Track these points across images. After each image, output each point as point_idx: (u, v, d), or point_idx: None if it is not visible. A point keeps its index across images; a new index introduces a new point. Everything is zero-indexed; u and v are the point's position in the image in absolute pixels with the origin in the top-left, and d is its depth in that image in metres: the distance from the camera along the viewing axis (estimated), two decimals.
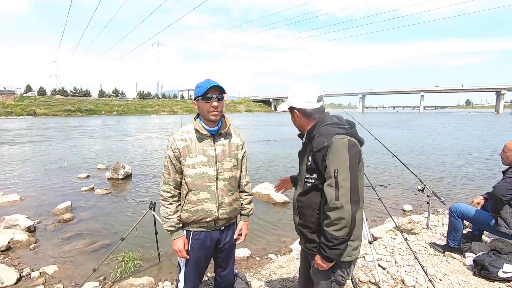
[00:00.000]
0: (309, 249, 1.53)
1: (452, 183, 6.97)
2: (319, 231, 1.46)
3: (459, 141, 15.52)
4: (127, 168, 7.79)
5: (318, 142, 1.39)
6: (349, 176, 1.31)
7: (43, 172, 8.58)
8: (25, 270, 3.21)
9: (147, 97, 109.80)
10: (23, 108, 74.11)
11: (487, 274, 2.57)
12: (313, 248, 1.51)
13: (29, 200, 5.87)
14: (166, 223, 1.68)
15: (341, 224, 1.31)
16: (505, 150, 2.81)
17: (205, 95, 1.60)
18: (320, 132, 1.43)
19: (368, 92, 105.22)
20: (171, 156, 1.66)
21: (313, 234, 1.51)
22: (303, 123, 1.56)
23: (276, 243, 3.92)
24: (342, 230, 1.31)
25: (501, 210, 2.71)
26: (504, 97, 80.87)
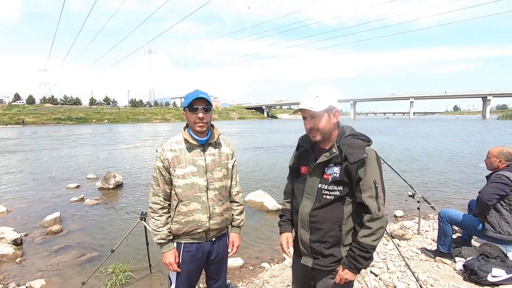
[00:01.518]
0: (324, 265, 1.46)
1: (442, 188, 7.08)
2: (338, 244, 1.44)
3: (448, 146, 15.83)
4: (118, 178, 7.67)
5: (353, 154, 1.34)
6: (382, 188, 1.38)
7: (31, 182, 8.38)
8: (10, 285, 3.11)
9: (139, 105, 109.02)
10: (11, 117, 72.55)
11: (477, 279, 2.61)
12: (330, 263, 1.45)
13: (16, 212, 5.70)
14: (156, 235, 1.65)
15: (380, 233, 1.36)
16: (489, 156, 2.90)
17: (191, 106, 1.60)
18: (347, 143, 1.38)
19: (359, 98, 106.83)
20: (160, 167, 1.64)
21: (331, 248, 1.44)
22: (332, 129, 1.43)
23: (269, 252, 3.89)
24: (379, 239, 1.37)
25: (488, 214, 2.77)
26: (490, 103, 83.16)
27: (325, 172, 1.41)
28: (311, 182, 1.46)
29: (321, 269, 1.48)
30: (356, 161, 1.33)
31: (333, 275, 1.46)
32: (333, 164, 1.40)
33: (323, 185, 1.42)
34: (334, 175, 1.39)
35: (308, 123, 1.41)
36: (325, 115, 1.38)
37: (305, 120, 1.43)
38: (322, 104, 1.35)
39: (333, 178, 1.39)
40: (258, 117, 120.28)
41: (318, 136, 1.41)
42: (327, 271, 1.47)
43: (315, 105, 1.34)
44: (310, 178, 1.46)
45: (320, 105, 1.35)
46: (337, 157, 1.38)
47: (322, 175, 1.42)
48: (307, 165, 1.50)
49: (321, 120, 1.38)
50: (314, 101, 1.35)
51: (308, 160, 1.50)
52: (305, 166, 1.51)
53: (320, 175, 1.43)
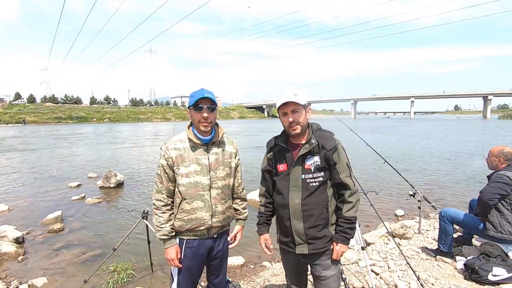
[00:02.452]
0: (319, 248, 1.61)
1: (443, 187, 7.08)
2: (327, 225, 1.62)
3: (448, 146, 15.82)
4: (119, 177, 7.69)
5: (328, 142, 1.57)
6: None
7: (33, 181, 8.40)
8: (13, 283, 3.13)
9: (139, 104, 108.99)
10: (12, 116, 72.61)
11: (478, 278, 2.61)
12: (325, 244, 1.62)
13: (18, 210, 5.73)
14: (159, 231, 1.68)
15: (358, 204, 1.61)
16: (489, 155, 2.90)
17: (196, 105, 1.61)
18: (319, 135, 1.61)
19: (360, 98, 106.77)
20: (164, 165, 1.65)
21: (323, 230, 1.61)
22: (307, 124, 1.63)
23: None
24: (358, 210, 1.61)
25: (489, 214, 2.78)
26: (491, 102, 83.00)
27: (305, 163, 1.58)
28: (295, 175, 1.60)
29: (317, 252, 1.62)
30: (331, 148, 1.56)
31: (327, 255, 1.64)
32: (311, 154, 1.58)
33: (306, 175, 1.58)
34: (315, 163, 1.58)
35: (290, 117, 1.56)
36: (303, 110, 1.58)
37: (285, 116, 1.58)
38: (302, 99, 1.55)
39: (316, 166, 1.57)
40: (259, 116, 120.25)
41: (298, 129, 1.57)
42: (321, 253, 1.63)
43: (298, 99, 1.53)
44: (293, 171, 1.60)
45: (301, 100, 1.54)
46: (315, 147, 1.57)
47: (303, 166, 1.59)
48: (285, 162, 1.64)
49: (301, 114, 1.57)
50: (295, 97, 1.53)
51: (285, 158, 1.64)
52: (283, 164, 1.65)
53: (302, 168, 1.59)
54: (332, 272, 1.64)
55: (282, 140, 1.67)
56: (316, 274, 1.66)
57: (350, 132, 4.02)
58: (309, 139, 1.58)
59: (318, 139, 1.58)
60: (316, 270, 1.65)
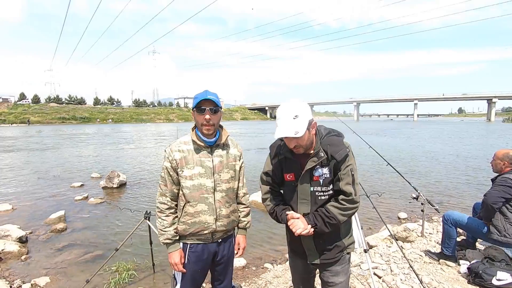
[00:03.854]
0: (331, 258, 1.55)
1: (446, 190, 7.03)
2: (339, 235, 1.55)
3: (452, 148, 15.72)
4: (122, 177, 7.72)
5: (338, 151, 1.42)
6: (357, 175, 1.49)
7: (36, 181, 8.46)
8: (16, 282, 3.14)
9: (142, 105, 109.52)
10: (17, 116, 73.26)
11: (481, 282, 2.59)
12: (336, 254, 1.55)
13: (21, 210, 5.77)
14: (163, 235, 1.65)
15: (349, 213, 1.45)
16: (494, 158, 2.88)
17: (198, 107, 1.59)
18: (327, 143, 1.46)
19: (363, 100, 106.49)
20: (168, 167, 1.63)
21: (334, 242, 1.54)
22: (312, 139, 1.47)
23: (272, 252, 3.90)
24: (346, 217, 1.45)
25: (493, 217, 2.75)
26: (495, 105, 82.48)
27: (313, 175, 1.47)
28: (303, 187, 1.50)
29: (328, 262, 1.57)
30: (342, 158, 1.43)
31: (338, 262, 1.58)
32: (319, 166, 1.46)
33: (315, 188, 1.48)
34: (324, 176, 1.46)
35: (291, 142, 1.42)
36: (306, 132, 1.39)
37: (287, 139, 1.44)
38: (302, 126, 1.35)
39: (325, 179, 1.47)
40: (261, 117, 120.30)
41: (302, 150, 1.45)
42: (333, 262, 1.57)
43: (298, 129, 1.34)
44: (301, 184, 1.50)
45: (301, 128, 1.35)
46: (324, 160, 1.45)
47: (312, 178, 1.48)
48: (291, 172, 1.53)
49: (304, 138, 1.40)
50: (295, 123, 1.35)
51: (292, 168, 1.52)
52: (290, 174, 1.53)
53: (310, 179, 1.48)
54: (341, 278, 1.59)
55: (287, 149, 1.52)
56: (325, 279, 1.62)
57: (352, 134, 4.00)
58: (317, 151, 1.45)
59: (327, 149, 1.44)
60: (325, 276, 1.61)
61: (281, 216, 1.54)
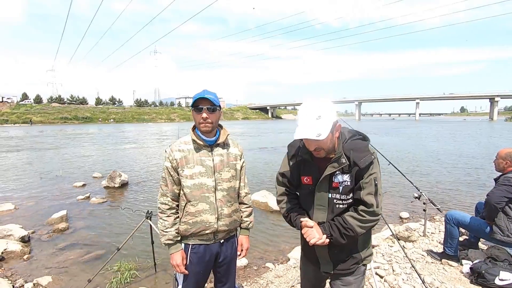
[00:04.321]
0: (345, 269, 1.46)
1: (448, 190, 7.00)
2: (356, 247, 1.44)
3: (454, 148, 15.65)
4: (124, 177, 7.74)
5: (361, 158, 1.30)
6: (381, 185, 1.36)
7: (38, 180, 8.49)
8: (18, 281, 3.16)
9: (144, 105, 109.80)
10: (19, 116, 73.64)
11: (484, 282, 2.58)
12: (351, 266, 1.45)
13: (24, 210, 5.79)
14: (164, 236, 1.64)
15: (368, 225, 1.34)
16: (497, 158, 2.86)
17: (196, 106, 1.60)
18: (350, 148, 1.34)
19: (365, 99, 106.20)
20: (169, 167, 1.63)
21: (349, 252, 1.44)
22: (335, 142, 1.34)
23: (273, 252, 3.89)
24: (364, 229, 1.34)
25: (496, 217, 2.74)
26: (497, 104, 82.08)
27: (333, 181, 1.36)
28: (320, 193, 1.40)
29: (341, 273, 1.48)
30: (366, 165, 1.30)
31: (353, 275, 1.48)
32: (340, 172, 1.34)
33: (334, 195, 1.37)
34: (345, 183, 1.34)
35: (312, 145, 1.30)
36: (329, 135, 1.27)
37: (307, 141, 1.32)
38: (326, 128, 1.23)
39: (345, 186, 1.35)
40: (263, 117, 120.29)
41: (323, 154, 1.34)
42: (347, 273, 1.47)
43: (321, 131, 1.21)
44: (319, 188, 1.40)
45: (325, 130, 1.22)
46: (345, 167, 1.33)
47: (331, 184, 1.37)
48: (309, 175, 1.43)
49: (326, 141, 1.28)
50: (317, 125, 1.22)
51: (310, 171, 1.42)
52: (308, 177, 1.43)
53: (328, 185, 1.37)
54: None
55: (306, 150, 1.40)
56: None
57: None
58: (339, 157, 1.32)
59: (350, 154, 1.32)
60: (336, 284, 1.52)
61: (295, 222, 1.46)
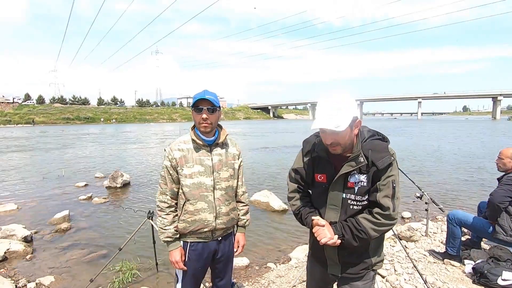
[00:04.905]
0: (354, 273, 1.41)
1: (451, 189, 6.97)
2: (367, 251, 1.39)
3: (457, 147, 15.58)
4: (125, 177, 7.76)
5: (381, 158, 1.25)
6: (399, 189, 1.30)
7: (41, 180, 8.53)
8: (21, 281, 3.17)
9: (146, 105, 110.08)
10: (22, 116, 74.07)
11: (487, 282, 2.57)
12: (361, 270, 1.40)
13: (26, 210, 5.82)
14: (163, 234, 1.68)
15: (383, 229, 1.28)
16: (502, 157, 2.84)
17: (196, 106, 1.62)
18: (369, 147, 1.28)
19: (366, 99, 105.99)
20: (168, 166, 1.66)
21: (360, 257, 1.39)
22: (353, 140, 1.29)
23: (275, 252, 3.89)
24: (378, 233, 1.29)
25: (499, 217, 2.72)
26: (500, 103, 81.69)
27: (348, 180, 1.31)
28: (334, 192, 1.35)
29: (350, 277, 1.43)
30: (384, 166, 1.25)
31: (362, 280, 1.43)
32: (356, 172, 1.29)
33: (348, 195, 1.32)
34: (360, 184, 1.29)
35: (329, 138, 1.24)
36: (348, 129, 1.22)
37: (324, 134, 1.27)
38: (345, 120, 1.17)
39: (360, 187, 1.30)
40: (264, 117, 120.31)
41: (339, 150, 1.28)
42: (355, 278, 1.42)
43: (340, 123, 1.16)
44: (333, 187, 1.34)
45: (344, 122, 1.17)
46: (363, 167, 1.28)
47: (346, 184, 1.31)
48: (324, 173, 1.37)
49: (344, 135, 1.23)
50: (337, 117, 1.17)
51: (325, 169, 1.36)
52: (322, 174, 1.38)
53: (343, 184, 1.32)
54: None
55: (322, 147, 1.35)
56: None
57: None
58: (356, 155, 1.27)
59: (368, 153, 1.27)
60: None
61: (306, 220, 1.41)
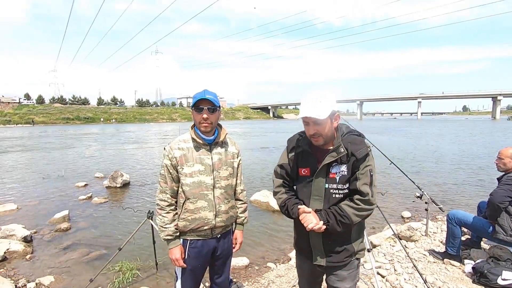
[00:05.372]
0: (338, 261, 1.49)
1: (451, 189, 6.98)
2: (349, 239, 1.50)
3: (456, 147, 15.59)
4: (125, 177, 7.76)
5: (358, 149, 1.39)
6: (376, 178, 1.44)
7: (41, 180, 8.53)
8: (20, 281, 3.17)
9: (145, 105, 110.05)
10: (22, 116, 74.06)
11: (486, 282, 2.57)
12: (344, 258, 1.49)
13: (26, 210, 5.82)
14: (163, 232, 1.69)
15: (363, 214, 1.39)
16: (501, 157, 2.83)
17: (197, 106, 1.63)
18: (348, 141, 1.42)
19: (366, 98, 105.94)
20: (168, 165, 1.67)
21: (343, 245, 1.49)
22: (333, 132, 1.44)
23: (274, 252, 3.89)
24: (359, 218, 1.39)
25: (499, 217, 2.72)
26: (500, 103, 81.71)
27: (330, 171, 1.42)
28: (318, 183, 1.45)
29: (334, 265, 1.52)
30: (362, 156, 1.39)
31: (346, 267, 1.52)
32: (337, 163, 1.41)
33: (331, 185, 1.43)
34: (342, 173, 1.41)
35: (311, 129, 1.39)
36: (328, 121, 1.37)
37: (307, 126, 1.41)
38: (325, 111, 1.33)
39: (341, 176, 1.41)
40: (264, 117, 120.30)
41: (321, 141, 1.41)
42: (340, 266, 1.52)
43: (320, 113, 1.32)
44: (316, 179, 1.44)
45: (324, 112, 1.32)
46: (343, 156, 1.40)
47: (328, 175, 1.43)
48: (307, 166, 1.48)
49: (325, 126, 1.37)
50: (318, 107, 1.33)
51: (308, 162, 1.48)
52: (305, 168, 1.48)
53: (326, 175, 1.43)
54: (347, 284, 1.54)
55: (306, 142, 1.50)
56: (330, 284, 1.58)
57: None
58: (337, 147, 1.40)
59: (348, 146, 1.41)
60: (331, 280, 1.56)
61: (292, 210, 1.48)
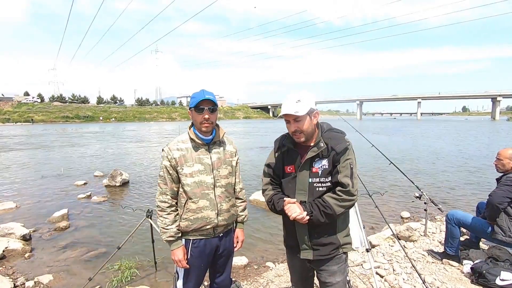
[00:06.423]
0: (325, 254, 1.55)
1: (450, 189, 6.98)
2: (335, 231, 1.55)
3: (456, 147, 15.60)
4: (125, 175, 7.75)
5: (338, 144, 1.48)
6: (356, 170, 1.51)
7: (40, 179, 8.52)
8: (19, 279, 3.17)
9: (145, 104, 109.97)
10: (21, 114, 74.00)
11: (485, 282, 2.57)
12: (331, 251, 1.55)
13: (25, 208, 5.81)
14: (165, 233, 1.68)
15: (345, 205, 1.45)
16: (500, 158, 2.83)
17: (197, 107, 1.63)
18: (329, 137, 1.52)
19: (366, 99, 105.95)
20: (168, 166, 1.67)
21: (329, 237, 1.54)
22: (314, 129, 1.53)
23: (273, 251, 3.89)
24: (342, 208, 1.45)
25: (498, 217, 2.72)
26: (500, 103, 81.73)
27: (313, 166, 1.51)
28: (302, 178, 1.53)
29: (322, 259, 1.57)
30: (341, 150, 1.47)
31: (334, 262, 1.58)
32: (319, 157, 1.51)
33: (313, 179, 1.51)
34: (323, 167, 1.50)
35: (292, 126, 1.49)
36: (307, 117, 1.48)
37: (289, 124, 1.51)
38: (304, 108, 1.44)
39: (323, 170, 1.50)
40: (264, 116, 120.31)
41: (302, 137, 1.51)
42: (327, 259, 1.57)
43: (298, 110, 1.43)
44: (300, 174, 1.53)
45: (302, 109, 1.44)
46: (324, 151, 1.49)
47: (311, 170, 1.51)
48: (292, 164, 1.57)
49: (304, 122, 1.47)
50: (297, 105, 1.44)
51: (293, 159, 1.57)
52: (291, 165, 1.58)
53: (309, 171, 1.52)
54: (338, 278, 1.59)
55: (290, 140, 1.59)
56: (322, 279, 1.62)
57: (355, 133, 3.99)
58: (318, 142, 1.50)
59: (328, 141, 1.50)
60: (322, 276, 1.61)
61: (278, 203, 1.56)
